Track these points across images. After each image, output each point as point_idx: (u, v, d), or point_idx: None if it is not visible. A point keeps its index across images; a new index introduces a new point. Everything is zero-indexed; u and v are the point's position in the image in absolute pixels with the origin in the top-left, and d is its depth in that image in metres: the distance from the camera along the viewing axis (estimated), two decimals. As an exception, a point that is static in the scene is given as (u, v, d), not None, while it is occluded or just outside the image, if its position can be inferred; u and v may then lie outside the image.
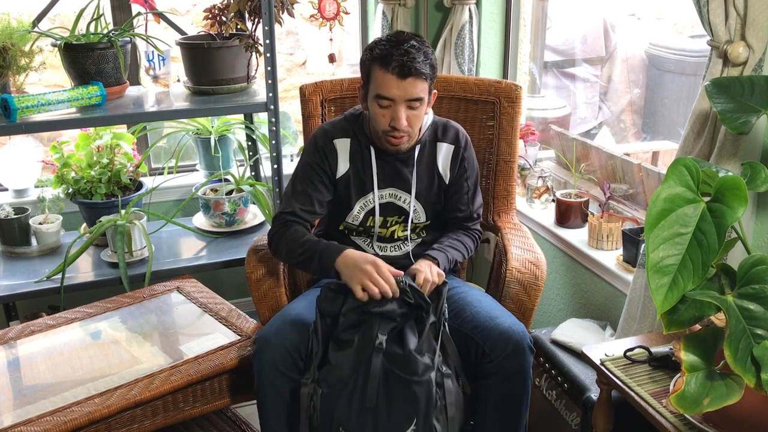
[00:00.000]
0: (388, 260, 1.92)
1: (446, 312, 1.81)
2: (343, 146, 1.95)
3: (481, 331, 1.78)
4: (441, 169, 1.98)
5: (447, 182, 1.99)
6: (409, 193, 1.95)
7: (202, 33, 2.54)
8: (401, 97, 1.78)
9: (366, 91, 1.86)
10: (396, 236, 2.00)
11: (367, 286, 1.70)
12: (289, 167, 2.95)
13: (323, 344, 1.73)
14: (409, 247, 2.01)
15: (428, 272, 1.77)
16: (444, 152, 1.98)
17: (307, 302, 1.87)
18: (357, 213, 1.97)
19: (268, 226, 2.62)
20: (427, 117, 1.95)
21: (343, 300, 1.74)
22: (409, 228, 1.98)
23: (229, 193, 2.65)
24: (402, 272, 1.76)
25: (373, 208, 1.96)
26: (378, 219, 1.96)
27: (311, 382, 1.69)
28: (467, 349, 1.79)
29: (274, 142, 2.44)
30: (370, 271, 1.71)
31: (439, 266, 1.84)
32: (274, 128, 2.41)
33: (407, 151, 1.93)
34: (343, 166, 1.95)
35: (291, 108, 3.54)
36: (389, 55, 1.76)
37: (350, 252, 1.79)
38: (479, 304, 1.85)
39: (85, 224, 2.64)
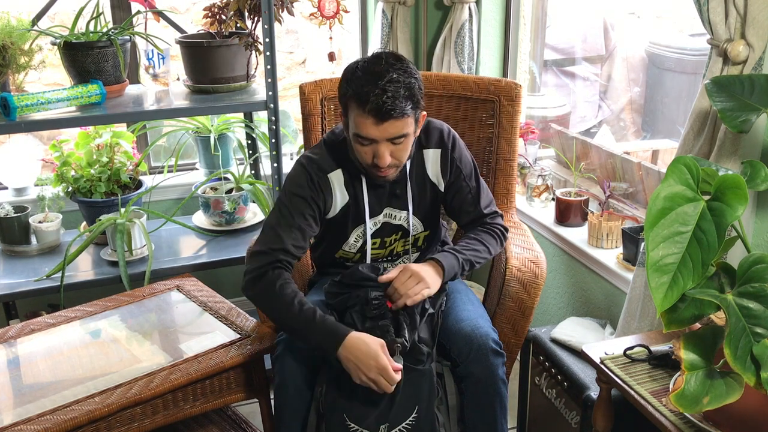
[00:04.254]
0: None
1: (443, 305, 1.83)
2: (337, 179, 1.82)
3: (448, 335, 1.78)
4: (432, 176, 1.88)
5: (443, 189, 1.90)
6: (405, 210, 1.88)
7: (202, 31, 2.54)
8: (382, 137, 1.65)
9: (346, 121, 1.71)
10: (395, 252, 1.95)
11: (368, 386, 1.61)
12: (288, 166, 2.94)
13: None
14: (408, 262, 1.98)
15: (404, 281, 1.70)
16: (431, 159, 1.86)
17: (321, 301, 1.88)
18: (354, 242, 1.90)
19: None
20: None
21: (347, 294, 1.77)
22: (410, 243, 1.93)
23: (229, 191, 2.65)
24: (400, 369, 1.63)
25: (367, 238, 1.88)
26: (370, 243, 1.88)
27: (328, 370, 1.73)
28: (446, 354, 1.80)
29: (273, 140, 2.44)
30: (376, 377, 1.60)
31: (443, 271, 1.75)
32: (274, 127, 2.41)
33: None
34: (341, 199, 1.83)
35: (291, 106, 3.54)
36: (365, 95, 1.60)
37: (353, 340, 1.62)
38: (455, 308, 1.85)
39: (84, 223, 2.64)
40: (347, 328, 1.65)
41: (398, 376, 1.61)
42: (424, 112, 1.76)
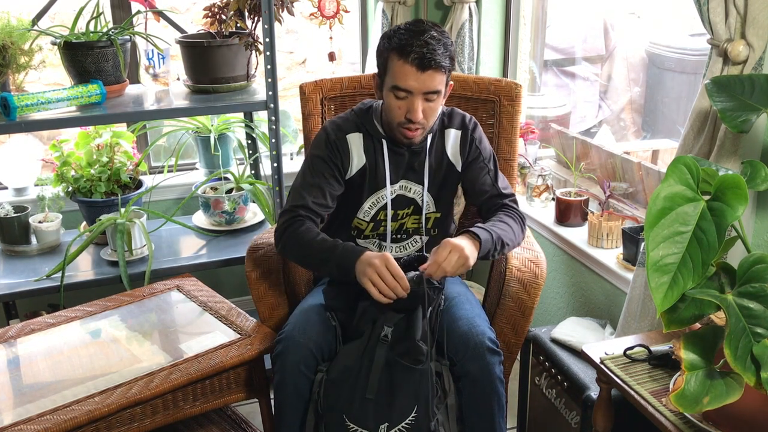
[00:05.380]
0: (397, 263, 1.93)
1: (442, 303, 1.84)
2: (356, 141, 1.89)
3: (446, 335, 1.78)
4: (451, 156, 1.93)
5: (460, 169, 1.94)
6: (420, 184, 1.92)
7: (202, 31, 2.54)
8: (419, 89, 1.73)
9: (382, 81, 1.80)
10: (405, 228, 1.97)
11: (375, 281, 1.65)
12: (288, 166, 2.95)
13: (340, 336, 1.79)
14: (419, 244, 1.99)
15: (446, 256, 1.67)
16: (452, 138, 1.92)
17: (321, 300, 1.89)
18: (368, 209, 1.93)
19: (268, 225, 2.62)
20: None
21: (349, 293, 1.79)
22: (423, 220, 1.95)
23: (229, 191, 2.65)
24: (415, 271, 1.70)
25: (385, 204, 1.92)
26: (390, 212, 1.92)
27: (325, 371, 1.73)
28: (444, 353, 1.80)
29: (273, 140, 2.44)
30: (379, 264, 1.65)
31: (480, 244, 1.74)
32: (274, 127, 2.41)
33: (420, 142, 1.89)
34: (358, 162, 1.89)
35: (291, 106, 3.54)
36: (408, 46, 1.70)
37: (368, 252, 1.72)
38: (453, 307, 1.85)
39: (84, 223, 2.64)
40: (366, 248, 1.75)
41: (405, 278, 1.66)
42: (452, 82, 1.85)
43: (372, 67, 2.85)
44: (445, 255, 1.68)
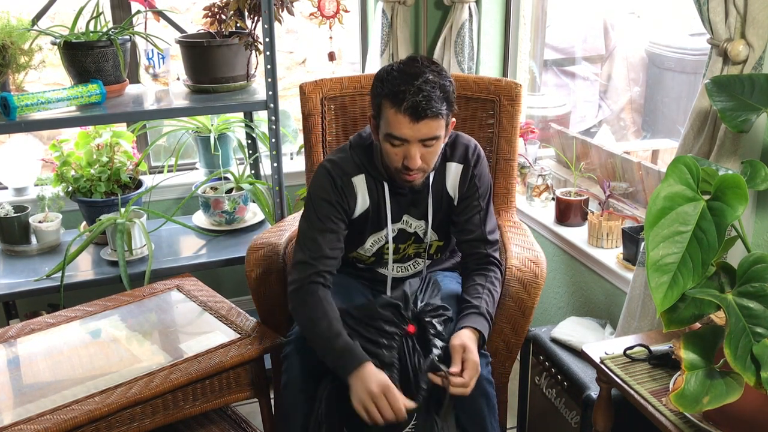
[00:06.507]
0: (397, 280, 1.92)
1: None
2: (360, 183, 1.83)
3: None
4: (450, 190, 1.87)
5: (455, 202, 1.88)
6: (422, 219, 1.88)
7: (202, 31, 2.54)
8: (414, 137, 1.64)
9: (377, 123, 1.71)
10: (407, 255, 1.95)
11: (370, 411, 1.57)
12: (288, 166, 2.95)
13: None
14: (420, 266, 1.98)
15: (470, 378, 1.62)
16: (453, 172, 1.85)
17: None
18: (369, 247, 1.90)
19: (268, 225, 2.62)
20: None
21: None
22: (426, 248, 1.92)
23: (229, 191, 2.65)
24: (413, 404, 1.60)
25: (386, 242, 1.88)
26: (391, 247, 1.89)
27: (331, 377, 1.71)
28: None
29: (273, 140, 2.44)
30: (378, 395, 1.56)
31: (485, 340, 1.73)
32: (274, 126, 2.41)
33: (422, 181, 1.82)
34: (362, 204, 1.83)
35: (291, 106, 3.54)
36: (401, 93, 1.60)
37: (367, 369, 1.60)
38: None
39: (84, 222, 2.64)
40: (366, 357, 1.63)
41: (404, 410, 1.58)
42: (454, 119, 1.75)
43: (372, 68, 2.85)
44: (471, 377, 1.63)
